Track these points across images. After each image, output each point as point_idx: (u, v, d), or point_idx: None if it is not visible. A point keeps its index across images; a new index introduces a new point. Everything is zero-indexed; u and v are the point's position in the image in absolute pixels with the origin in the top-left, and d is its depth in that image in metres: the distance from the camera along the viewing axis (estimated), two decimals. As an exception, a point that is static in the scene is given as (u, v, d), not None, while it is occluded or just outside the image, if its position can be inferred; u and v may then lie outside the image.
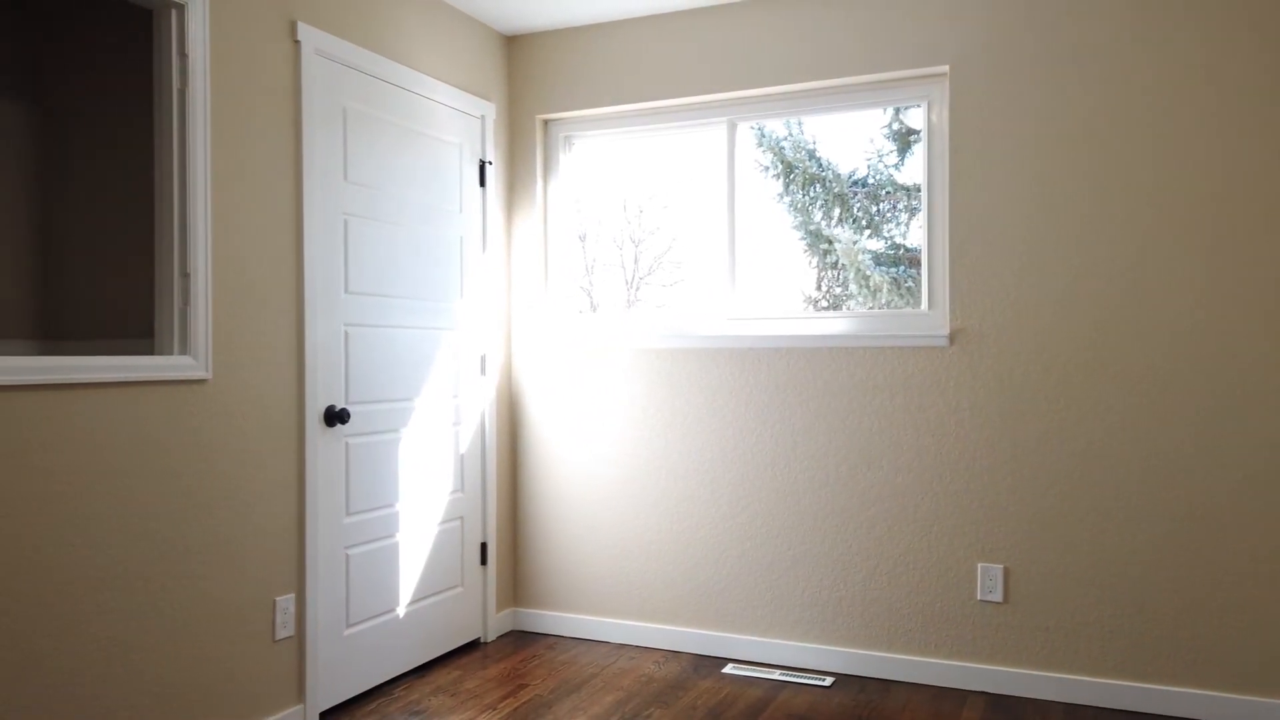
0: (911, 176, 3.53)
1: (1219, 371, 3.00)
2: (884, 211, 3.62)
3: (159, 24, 2.60)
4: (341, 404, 3.14)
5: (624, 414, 3.82)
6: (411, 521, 3.46)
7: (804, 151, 3.74)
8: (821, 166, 3.71)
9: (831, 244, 3.70)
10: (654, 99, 3.77)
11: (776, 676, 3.44)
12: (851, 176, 3.66)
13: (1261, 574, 2.96)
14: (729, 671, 3.49)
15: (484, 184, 3.85)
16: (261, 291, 2.83)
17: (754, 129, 3.76)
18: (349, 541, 3.18)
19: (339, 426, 3.12)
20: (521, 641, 3.86)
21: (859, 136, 3.61)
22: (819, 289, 3.76)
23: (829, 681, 3.38)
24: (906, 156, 3.54)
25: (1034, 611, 3.22)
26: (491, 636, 3.88)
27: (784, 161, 3.75)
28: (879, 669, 3.43)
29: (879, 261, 3.64)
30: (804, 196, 3.73)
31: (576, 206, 4.08)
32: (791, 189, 3.75)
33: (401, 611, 3.41)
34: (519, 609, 4.03)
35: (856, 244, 3.66)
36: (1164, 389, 3.06)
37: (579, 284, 4.11)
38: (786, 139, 3.75)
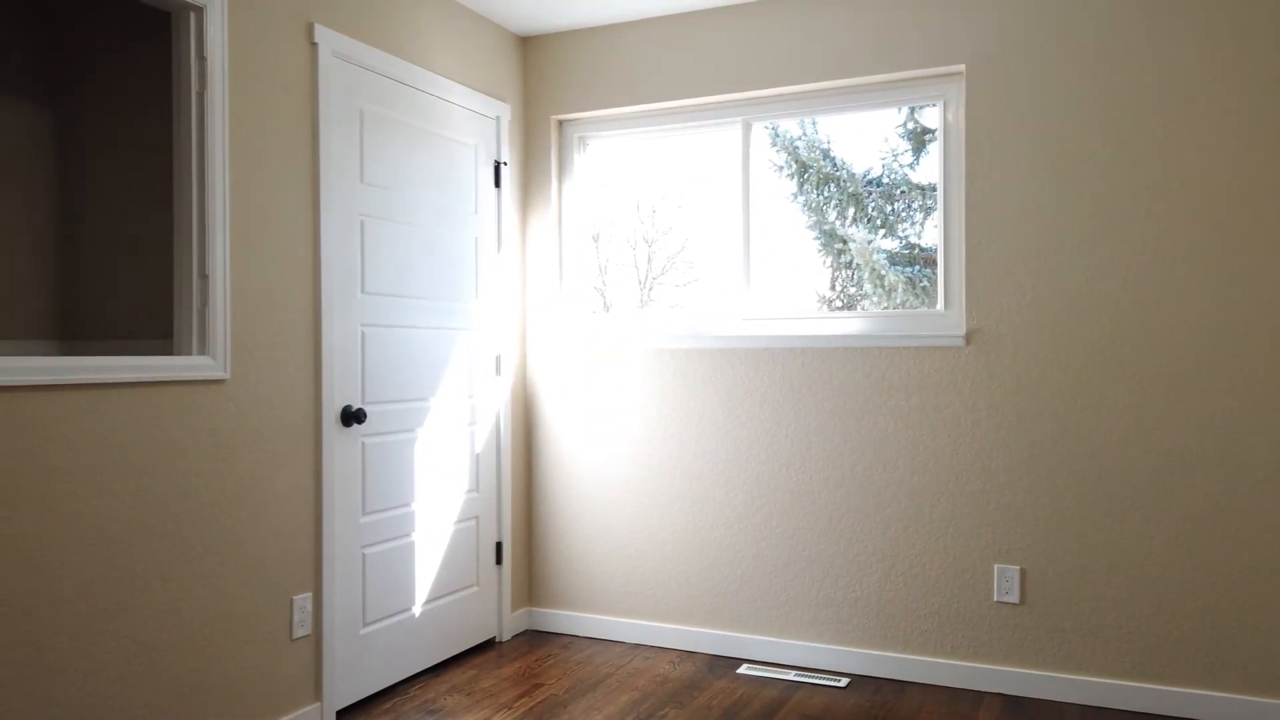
0: (926, 176, 3.52)
1: (1236, 370, 2.98)
2: (899, 211, 3.61)
3: (177, 26, 2.62)
4: (358, 404, 3.15)
5: (638, 414, 3.83)
6: (427, 521, 3.47)
7: (818, 151, 3.73)
8: (836, 166, 3.70)
9: (846, 244, 3.70)
10: (668, 99, 3.77)
11: (791, 677, 3.44)
12: (866, 176, 3.65)
13: (1281, 575, 2.94)
14: (744, 672, 3.49)
15: (499, 185, 3.86)
16: (279, 292, 2.85)
17: (768, 129, 3.75)
18: (365, 541, 3.19)
19: (355, 426, 3.14)
20: (536, 641, 3.87)
21: (873, 136, 3.61)
22: (833, 289, 3.75)
23: (844, 682, 3.38)
24: (921, 156, 3.53)
25: (1050, 613, 3.21)
26: (506, 636, 3.89)
27: (798, 161, 3.74)
28: (894, 670, 3.42)
29: (894, 261, 3.63)
30: (818, 196, 3.73)
31: (591, 207, 4.08)
32: (806, 189, 3.74)
33: (417, 611, 3.43)
34: (534, 608, 4.04)
35: (871, 244, 3.65)
36: (1181, 388, 3.04)
37: (593, 284, 4.11)
38: (801, 139, 3.74)
